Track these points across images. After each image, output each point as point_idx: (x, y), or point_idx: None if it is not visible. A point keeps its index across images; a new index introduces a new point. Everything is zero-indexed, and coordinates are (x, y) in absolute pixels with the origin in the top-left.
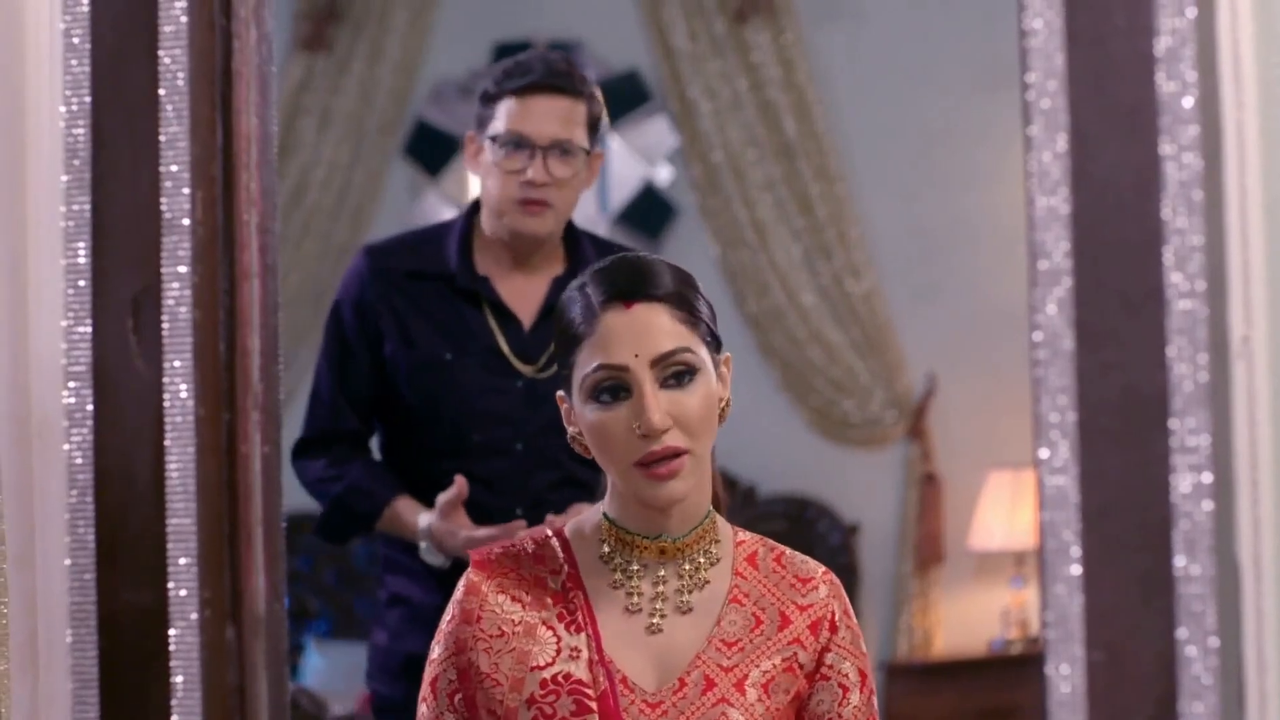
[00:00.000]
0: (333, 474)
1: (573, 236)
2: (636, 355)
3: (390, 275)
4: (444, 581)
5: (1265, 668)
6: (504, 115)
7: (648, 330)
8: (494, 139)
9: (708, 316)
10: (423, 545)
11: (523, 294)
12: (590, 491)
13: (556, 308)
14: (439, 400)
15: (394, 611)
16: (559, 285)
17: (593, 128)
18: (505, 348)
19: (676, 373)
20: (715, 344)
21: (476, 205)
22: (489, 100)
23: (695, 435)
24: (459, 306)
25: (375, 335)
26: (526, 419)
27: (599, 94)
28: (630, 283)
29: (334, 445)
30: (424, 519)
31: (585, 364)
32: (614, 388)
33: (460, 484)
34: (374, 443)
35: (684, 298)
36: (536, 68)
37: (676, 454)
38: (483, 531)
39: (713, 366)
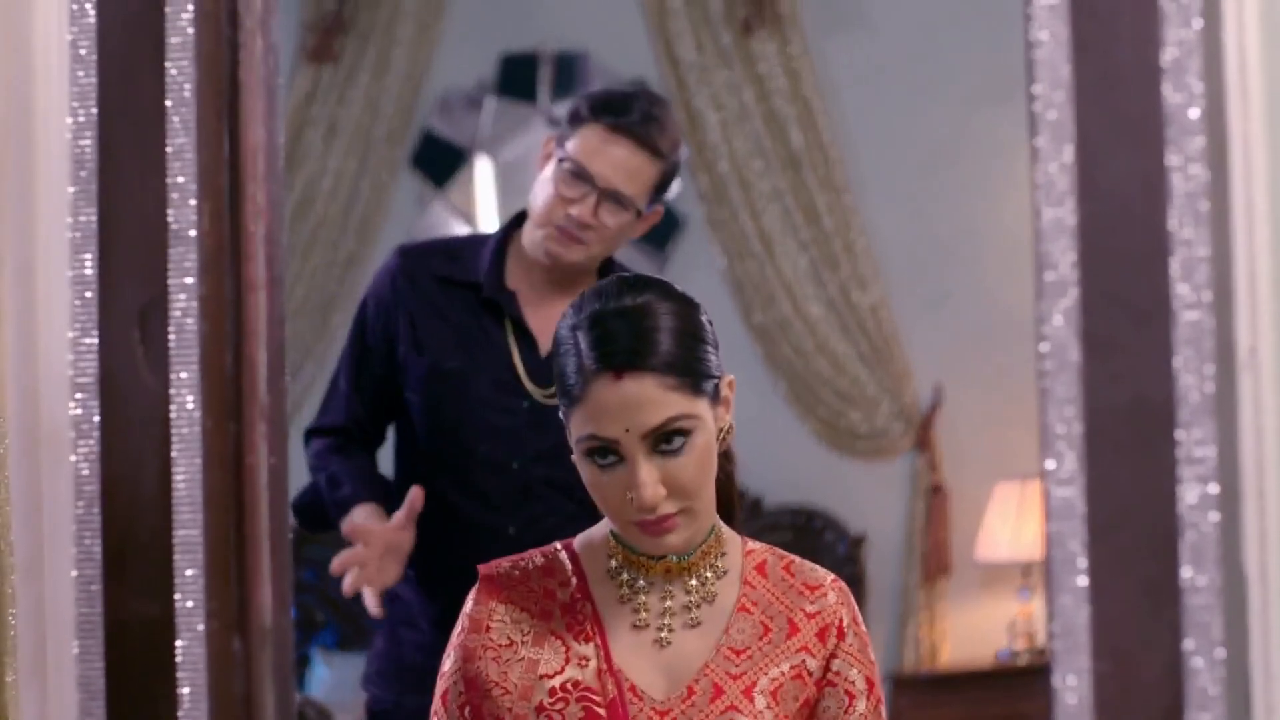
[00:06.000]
0: (324, 461)
1: (609, 267)
2: (627, 430)
3: (418, 278)
4: (436, 588)
5: (1271, 678)
6: (580, 140)
7: (639, 404)
8: (561, 161)
9: (705, 361)
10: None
11: (548, 316)
12: (588, 511)
13: (554, 338)
14: (441, 410)
15: (390, 614)
16: None
17: (660, 188)
18: (520, 366)
19: (669, 439)
20: (714, 384)
21: (520, 218)
22: (576, 121)
23: (692, 495)
24: (482, 318)
25: (392, 336)
26: (528, 440)
27: (681, 158)
28: (621, 350)
29: (340, 436)
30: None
31: (578, 427)
32: (607, 455)
33: (416, 495)
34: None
35: (677, 360)
36: (634, 111)
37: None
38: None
39: (711, 408)
